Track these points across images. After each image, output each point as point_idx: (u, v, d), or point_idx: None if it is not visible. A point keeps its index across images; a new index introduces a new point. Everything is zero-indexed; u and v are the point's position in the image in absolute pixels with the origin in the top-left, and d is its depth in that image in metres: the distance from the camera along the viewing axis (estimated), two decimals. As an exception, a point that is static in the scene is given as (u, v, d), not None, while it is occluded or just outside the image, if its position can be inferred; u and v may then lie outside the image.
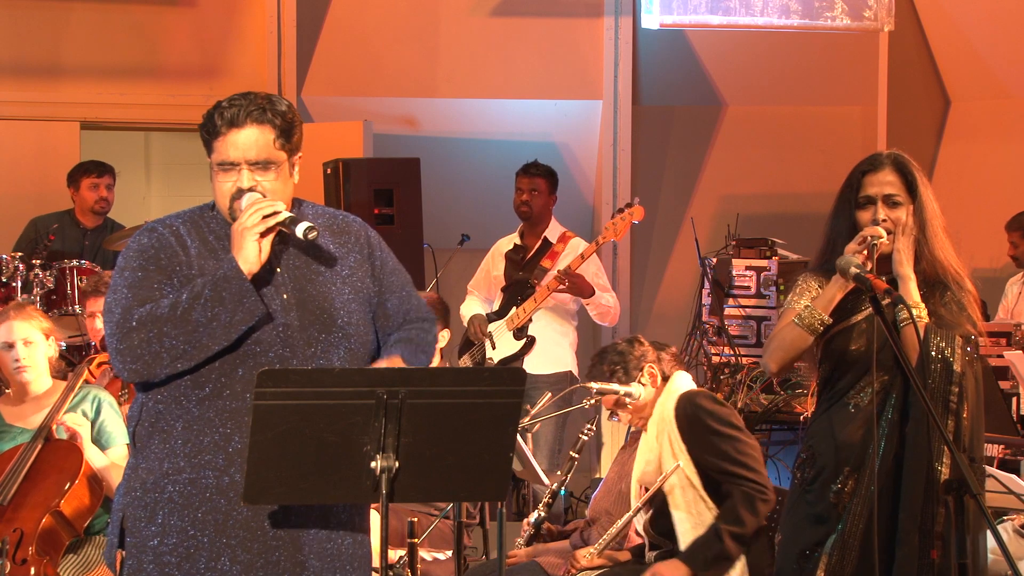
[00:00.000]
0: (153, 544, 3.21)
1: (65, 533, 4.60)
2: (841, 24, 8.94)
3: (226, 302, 3.13)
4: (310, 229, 3.18)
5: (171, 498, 3.21)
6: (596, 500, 5.15)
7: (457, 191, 9.07)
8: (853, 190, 3.77)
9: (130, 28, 9.08)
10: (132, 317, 3.17)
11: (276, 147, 3.24)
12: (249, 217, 3.16)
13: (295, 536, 3.22)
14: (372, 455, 3.01)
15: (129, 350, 3.16)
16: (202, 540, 3.19)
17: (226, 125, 3.21)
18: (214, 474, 3.20)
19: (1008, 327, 7.13)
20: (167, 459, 3.22)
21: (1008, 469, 5.43)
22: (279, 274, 3.28)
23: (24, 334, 4.79)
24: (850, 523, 3.66)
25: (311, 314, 3.25)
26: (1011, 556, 3.41)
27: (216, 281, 3.15)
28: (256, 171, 3.24)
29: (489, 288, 7.30)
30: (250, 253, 3.16)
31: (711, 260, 8.39)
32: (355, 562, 3.32)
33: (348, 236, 3.42)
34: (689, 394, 4.64)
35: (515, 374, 3.13)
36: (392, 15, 9.25)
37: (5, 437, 4.78)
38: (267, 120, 3.23)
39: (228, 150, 3.23)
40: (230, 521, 3.20)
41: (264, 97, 3.26)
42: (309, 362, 3.24)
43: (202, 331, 3.13)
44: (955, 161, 9.56)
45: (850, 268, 3.61)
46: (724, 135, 9.60)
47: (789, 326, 3.68)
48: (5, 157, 8.93)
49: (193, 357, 3.17)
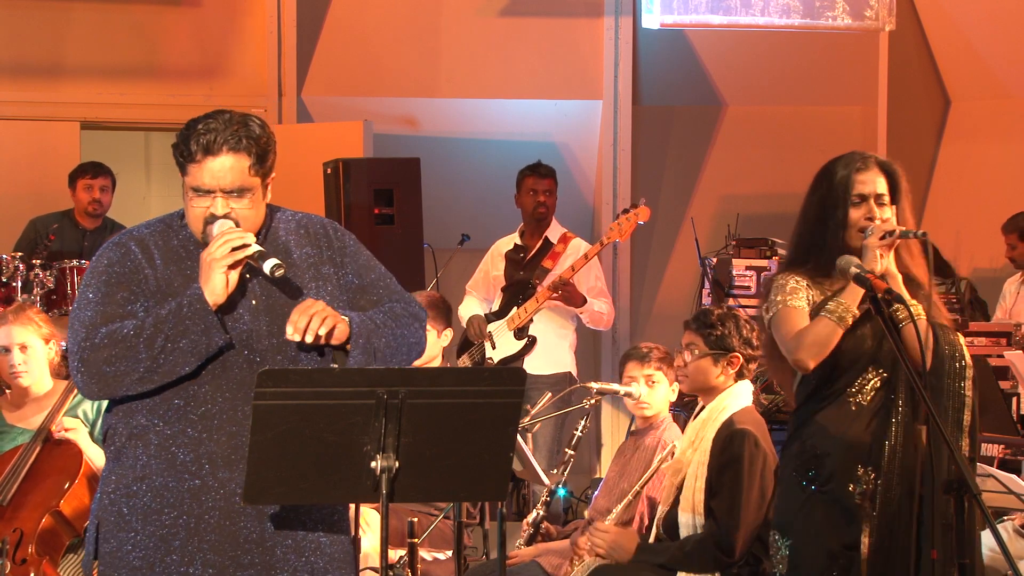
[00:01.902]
0: (127, 550, 3.21)
1: (65, 533, 4.60)
2: (842, 24, 8.94)
3: (189, 332, 3.13)
4: (277, 267, 3.15)
5: (143, 504, 3.21)
6: (596, 500, 5.15)
7: (457, 191, 9.07)
8: (846, 187, 3.76)
9: (130, 28, 9.08)
10: (96, 335, 3.17)
11: (251, 174, 3.22)
12: (218, 248, 3.14)
13: (267, 537, 3.21)
14: (372, 455, 3.01)
15: (90, 369, 3.16)
16: (173, 544, 3.19)
17: (201, 152, 3.18)
18: (186, 478, 3.20)
19: (1008, 327, 7.14)
20: (139, 466, 3.23)
21: (1008, 469, 5.43)
22: (249, 280, 3.26)
23: (21, 339, 4.78)
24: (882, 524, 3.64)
25: (280, 319, 3.22)
26: (1011, 556, 3.41)
27: (180, 311, 3.14)
28: (230, 198, 3.22)
29: (488, 288, 7.30)
30: (217, 285, 3.15)
31: (711, 260, 8.39)
32: (334, 562, 3.30)
33: (320, 241, 3.38)
34: (741, 430, 4.51)
35: (515, 374, 3.13)
36: (392, 15, 9.24)
37: (5, 438, 4.77)
38: (242, 148, 3.19)
39: (203, 177, 3.20)
40: (202, 525, 3.19)
41: (239, 121, 3.21)
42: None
43: (163, 359, 3.14)
44: (955, 161, 9.56)
45: (850, 268, 3.61)
46: (724, 135, 9.60)
47: (822, 321, 3.62)
48: (5, 157, 8.93)
49: (153, 382, 3.17)
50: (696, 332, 4.69)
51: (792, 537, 3.74)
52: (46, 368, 4.84)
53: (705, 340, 4.66)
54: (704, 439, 4.56)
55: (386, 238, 7.62)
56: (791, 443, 3.82)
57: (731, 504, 4.40)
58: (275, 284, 3.26)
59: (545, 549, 5.03)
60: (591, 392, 5.13)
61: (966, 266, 8.61)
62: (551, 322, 7.07)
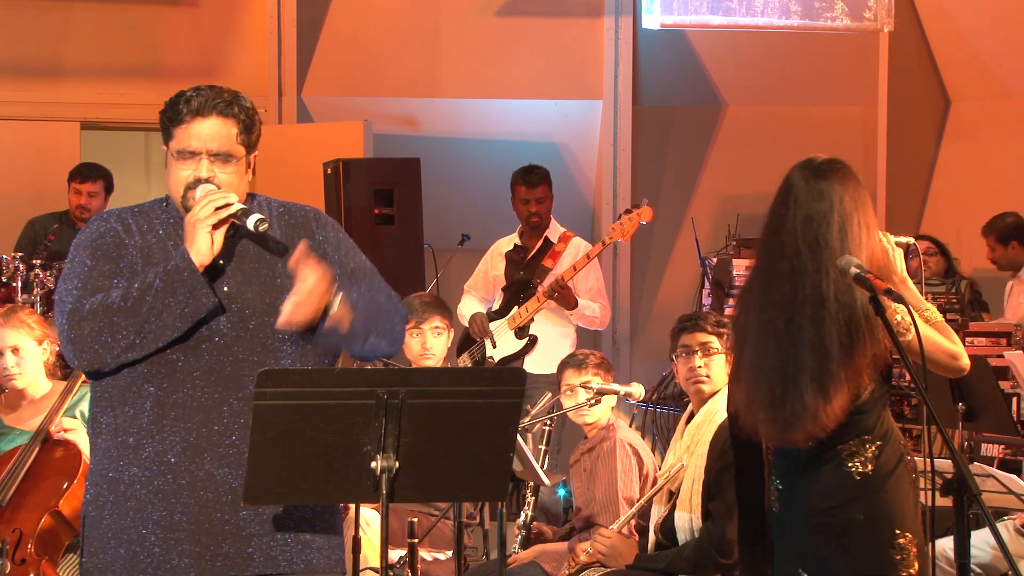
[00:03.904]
0: (107, 541, 3.23)
1: (64, 533, 4.60)
2: (841, 24, 8.95)
3: (177, 293, 3.14)
4: (261, 221, 3.17)
5: (123, 496, 3.22)
6: (578, 513, 5.18)
7: (457, 191, 9.07)
8: None
9: (130, 28, 9.08)
10: (83, 307, 3.18)
11: (238, 141, 3.25)
12: (202, 209, 3.16)
13: (243, 527, 3.21)
14: (372, 455, 3.01)
15: (79, 339, 3.17)
16: (152, 536, 3.19)
17: (191, 114, 3.22)
18: (163, 469, 3.19)
19: (1008, 327, 7.13)
20: (116, 459, 3.24)
21: (1008, 469, 5.43)
22: (222, 266, 3.26)
23: (13, 342, 4.77)
24: None
25: (267, 289, 3.24)
26: (1011, 556, 3.41)
27: (168, 272, 3.15)
28: (216, 163, 3.24)
29: (487, 288, 7.30)
30: (202, 245, 3.16)
31: (711, 260, 8.39)
32: (312, 551, 3.29)
33: (303, 227, 3.39)
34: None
35: (516, 374, 3.13)
36: (392, 15, 9.25)
37: (4, 439, 4.78)
38: (232, 114, 3.23)
39: (190, 139, 3.23)
40: (175, 517, 3.19)
41: (231, 92, 3.27)
42: (247, 357, 3.22)
43: (153, 322, 3.14)
44: (955, 161, 9.57)
45: (850, 268, 3.61)
46: (724, 135, 9.60)
47: (941, 325, 3.63)
48: (5, 157, 8.94)
49: (143, 348, 3.16)
50: (711, 332, 4.68)
51: (918, 535, 3.66)
52: (41, 369, 4.84)
53: (720, 340, 4.67)
54: (701, 443, 4.56)
55: (386, 238, 7.62)
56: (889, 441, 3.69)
57: (730, 506, 4.41)
58: (259, 242, 3.28)
59: (542, 551, 5.04)
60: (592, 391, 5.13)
61: (966, 266, 8.60)
62: (552, 322, 7.07)
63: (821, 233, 3.50)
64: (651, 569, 4.55)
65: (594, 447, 5.10)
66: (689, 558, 4.44)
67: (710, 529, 4.43)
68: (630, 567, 4.60)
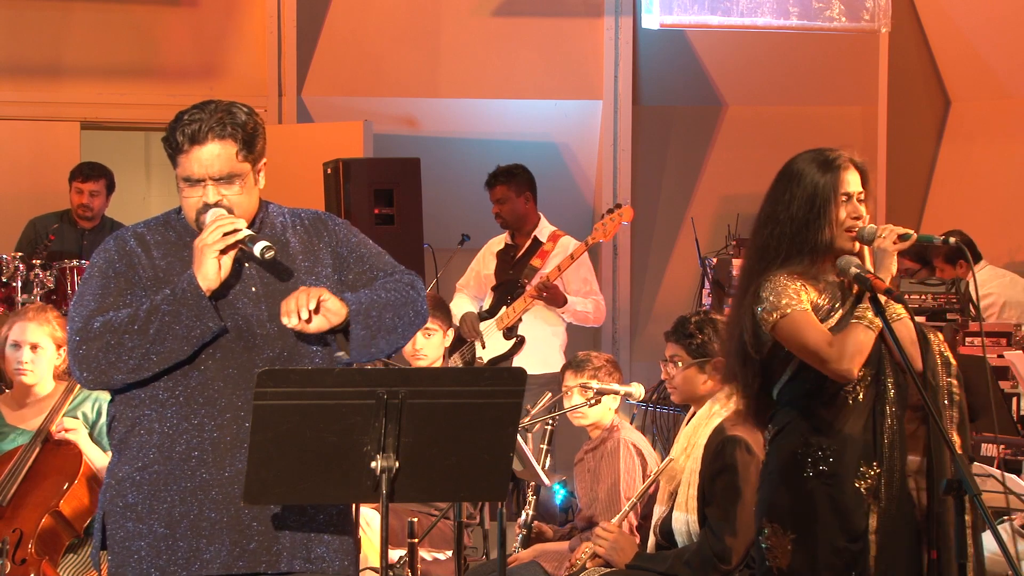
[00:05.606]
0: (133, 539, 3.24)
1: (65, 533, 4.61)
2: (838, 25, 8.95)
3: (183, 318, 3.17)
4: (267, 248, 3.19)
5: (147, 493, 3.24)
6: (580, 513, 5.18)
7: (457, 191, 9.06)
8: (835, 186, 3.75)
9: (130, 28, 9.08)
10: (92, 326, 3.20)
11: (239, 160, 3.26)
12: (210, 234, 3.19)
13: (272, 523, 3.23)
14: (372, 455, 3.02)
15: (86, 358, 3.20)
16: (178, 531, 3.21)
17: (188, 141, 3.23)
18: (189, 466, 3.22)
19: (1008, 327, 7.12)
20: (141, 455, 3.25)
21: (1008, 469, 5.43)
22: (247, 268, 3.29)
23: (35, 338, 4.79)
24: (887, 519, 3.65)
25: (280, 306, 3.25)
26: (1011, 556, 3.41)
27: (175, 297, 3.18)
28: (221, 185, 3.26)
29: (479, 287, 7.30)
30: (209, 270, 3.19)
31: (711, 260, 8.39)
32: (338, 553, 3.31)
33: (315, 230, 3.42)
34: (732, 437, 4.46)
35: (516, 374, 3.13)
36: (392, 15, 9.25)
37: (5, 438, 4.78)
38: (228, 135, 3.24)
39: (192, 166, 3.25)
40: (205, 512, 3.21)
41: (224, 109, 3.26)
42: (278, 355, 3.26)
43: (158, 345, 3.17)
44: (955, 161, 9.56)
45: (850, 268, 3.62)
46: (724, 135, 9.60)
47: (858, 328, 3.61)
48: (5, 157, 8.93)
49: (149, 369, 3.20)
50: (678, 343, 4.69)
51: (796, 530, 3.73)
52: (51, 371, 4.85)
53: (687, 349, 4.66)
54: (696, 445, 4.56)
55: (386, 238, 7.59)
56: (785, 438, 3.77)
57: (726, 512, 4.40)
58: (266, 267, 3.30)
59: (542, 551, 5.04)
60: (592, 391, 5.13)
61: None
62: (542, 322, 7.05)
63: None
64: (651, 570, 4.55)
65: (598, 447, 5.11)
66: (689, 562, 4.44)
67: (708, 537, 4.43)
68: (630, 565, 4.60)
